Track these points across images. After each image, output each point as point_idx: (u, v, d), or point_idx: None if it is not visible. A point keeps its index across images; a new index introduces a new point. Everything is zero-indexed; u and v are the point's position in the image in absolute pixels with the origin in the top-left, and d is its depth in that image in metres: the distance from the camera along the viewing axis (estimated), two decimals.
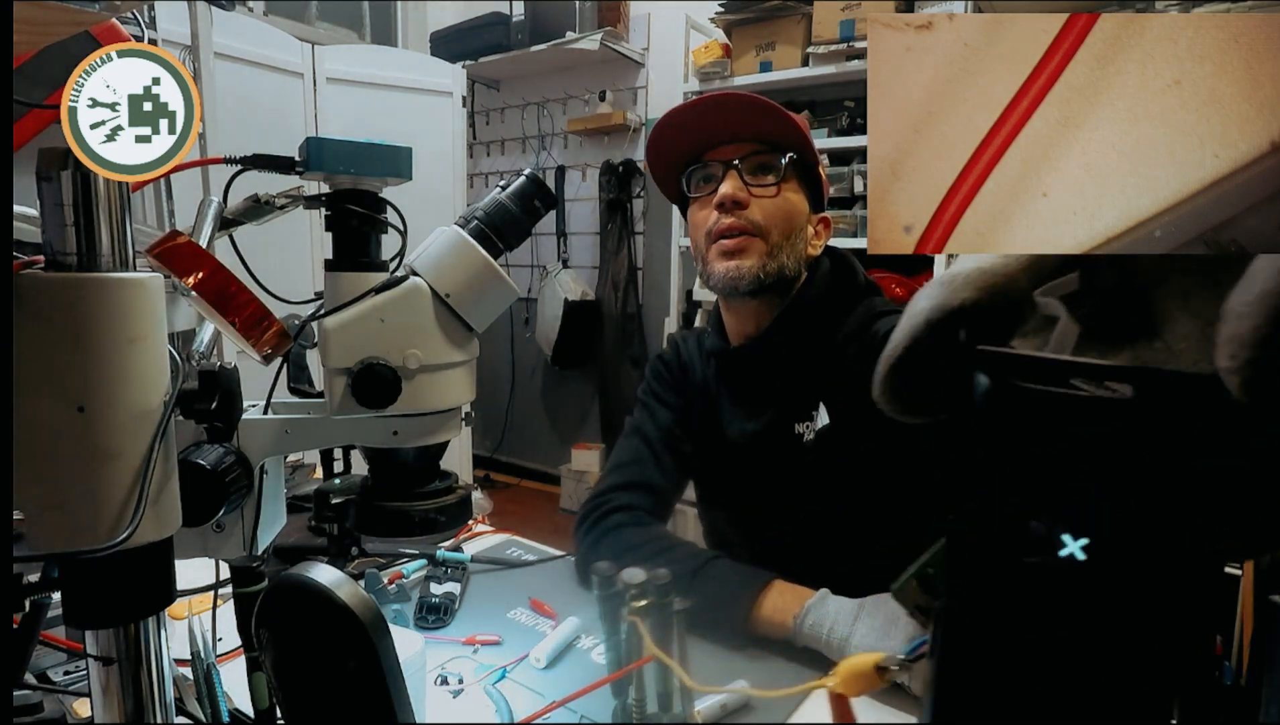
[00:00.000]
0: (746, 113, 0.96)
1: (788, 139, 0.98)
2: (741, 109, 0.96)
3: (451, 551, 1.05)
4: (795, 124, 0.97)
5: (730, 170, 0.97)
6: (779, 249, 0.98)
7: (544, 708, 0.73)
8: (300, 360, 0.65)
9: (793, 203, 0.99)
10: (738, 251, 0.97)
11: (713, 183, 0.99)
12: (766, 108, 0.95)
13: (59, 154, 0.41)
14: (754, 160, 0.98)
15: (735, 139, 0.98)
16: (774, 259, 0.97)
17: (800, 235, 1.01)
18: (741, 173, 0.97)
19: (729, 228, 0.97)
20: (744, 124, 0.97)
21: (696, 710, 0.69)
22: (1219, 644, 1.64)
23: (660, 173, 1.06)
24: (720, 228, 0.97)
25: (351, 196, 0.55)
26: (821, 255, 1.06)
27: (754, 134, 0.98)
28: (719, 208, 0.97)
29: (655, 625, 0.63)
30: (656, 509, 1.06)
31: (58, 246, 0.42)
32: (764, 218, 0.97)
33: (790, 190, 0.99)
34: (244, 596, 0.58)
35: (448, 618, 0.91)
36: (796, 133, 0.97)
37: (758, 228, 0.97)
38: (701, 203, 1.01)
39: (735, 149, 0.98)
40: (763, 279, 0.97)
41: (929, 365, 0.29)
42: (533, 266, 3.84)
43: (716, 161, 0.99)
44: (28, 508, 0.41)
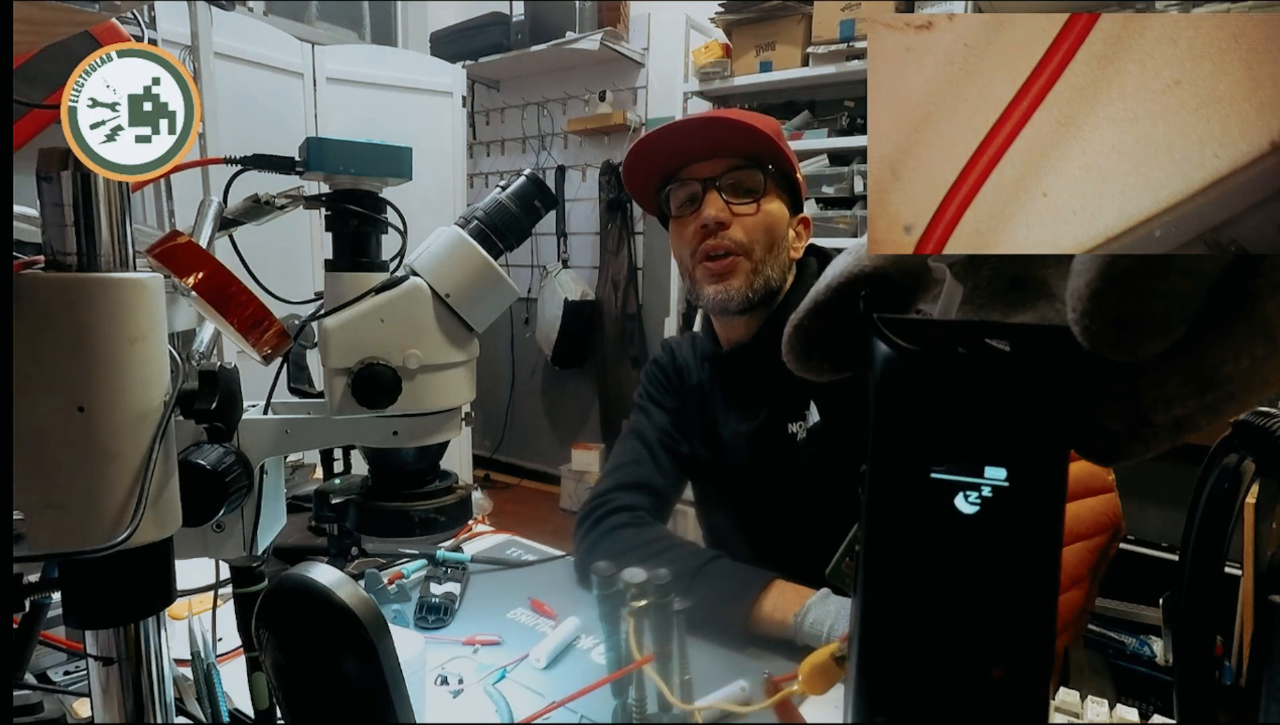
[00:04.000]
0: (717, 132, 0.97)
1: (762, 152, 0.99)
2: (710, 129, 0.97)
3: (451, 551, 1.05)
4: (768, 137, 0.97)
5: (710, 189, 0.99)
6: (764, 263, 1.00)
7: (544, 708, 0.73)
8: (300, 360, 0.65)
9: (773, 215, 1.01)
10: (725, 274, 0.99)
11: (695, 203, 1.01)
12: (735, 127, 0.96)
13: (59, 154, 0.41)
14: (732, 176, 0.99)
15: (712, 155, 0.99)
16: (759, 275, 1.00)
17: (783, 243, 1.02)
18: (721, 191, 0.98)
19: (714, 249, 0.99)
20: (717, 142, 0.99)
21: (697, 710, 0.69)
22: (1219, 644, 1.64)
23: (638, 188, 1.07)
24: (705, 249, 0.99)
25: (351, 196, 0.55)
26: (808, 255, 1.08)
27: (729, 150, 0.99)
28: (702, 229, 0.99)
29: (655, 625, 0.63)
30: (656, 509, 1.06)
31: (58, 246, 0.42)
32: (747, 236, 0.98)
33: (769, 202, 1.00)
34: (244, 596, 0.58)
35: (448, 618, 0.91)
36: (770, 145, 0.98)
37: (741, 247, 0.98)
38: (684, 221, 1.02)
39: (712, 165, 0.99)
40: (751, 297, 0.99)
41: (832, 326, 0.31)
42: (533, 266, 3.84)
43: (695, 179, 1.00)
44: (28, 508, 0.41)
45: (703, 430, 1.11)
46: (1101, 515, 1.19)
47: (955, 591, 0.26)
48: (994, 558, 0.25)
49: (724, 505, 1.14)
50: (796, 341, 0.32)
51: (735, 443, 1.07)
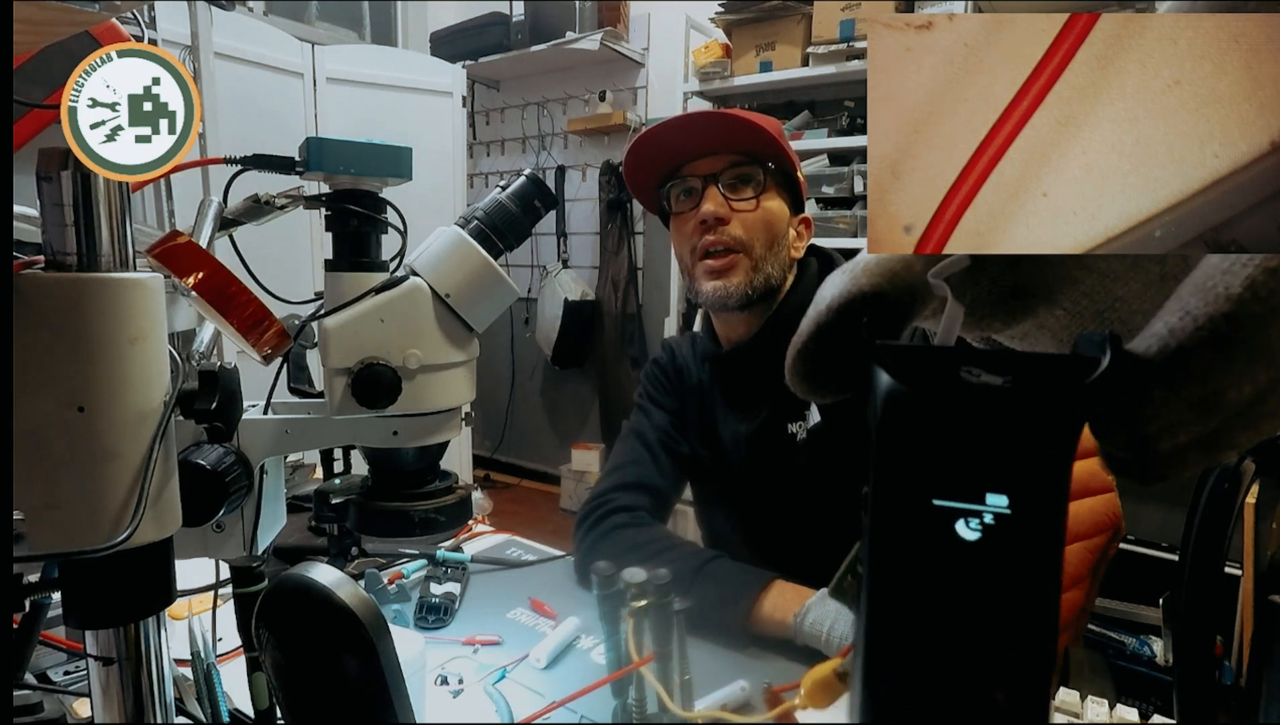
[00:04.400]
0: (718, 129, 0.97)
1: (763, 150, 0.99)
2: (712, 126, 0.97)
3: (451, 551, 1.05)
4: (769, 135, 0.97)
5: (710, 185, 0.98)
6: (763, 261, 0.99)
7: (544, 708, 0.73)
8: (300, 360, 0.65)
9: (773, 212, 1.00)
10: (724, 271, 0.99)
11: (694, 197, 1.00)
12: (736, 124, 0.96)
13: (59, 154, 0.41)
14: (732, 173, 0.99)
15: (712, 152, 0.99)
16: (759, 272, 0.99)
17: (783, 241, 1.02)
18: (721, 187, 0.98)
19: (713, 244, 0.98)
20: (718, 139, 0.98)
21: (697, 710, 0.69)
22: (1219, 644, 1.64)
23: (639, 184, 1.07)
24: (705, 245, 0.99)
25: (351, 196, 0.55)
26: (808, 255, 1.07)
27: (730, 147, 0.99)
28: (701, 225, 0.98)
29: (655, 625, 0.63)
30: (656, 509, 1.06)
31: (58, 246, 0.42)
32: (746, 232, 0.98)
33: (769, 199, 1.00)
34: (244, 596, 0.58)
35: (448, 618, 0.91)
36: (772, 143, 0.98)
37: (740, 243, 0.98)
38: (684, 218, 1.02)
39: (712, 162, 0.99)
40: (750, 294, 0.99)
41: (835, 350, 0.30)
42: (533, 266, 3.84)
43: (695, 176, 1.00)
44: (28, 508, 0.41)
45: (702, 430, 1.11)
46: (1101, 515, 1.19)
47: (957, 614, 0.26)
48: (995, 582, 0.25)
49: (724, 505, 1.14)
50: (801, 366, 0.31)
51: (735, 443, 1.07)
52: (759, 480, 1.06)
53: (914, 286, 0.30)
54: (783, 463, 1.02)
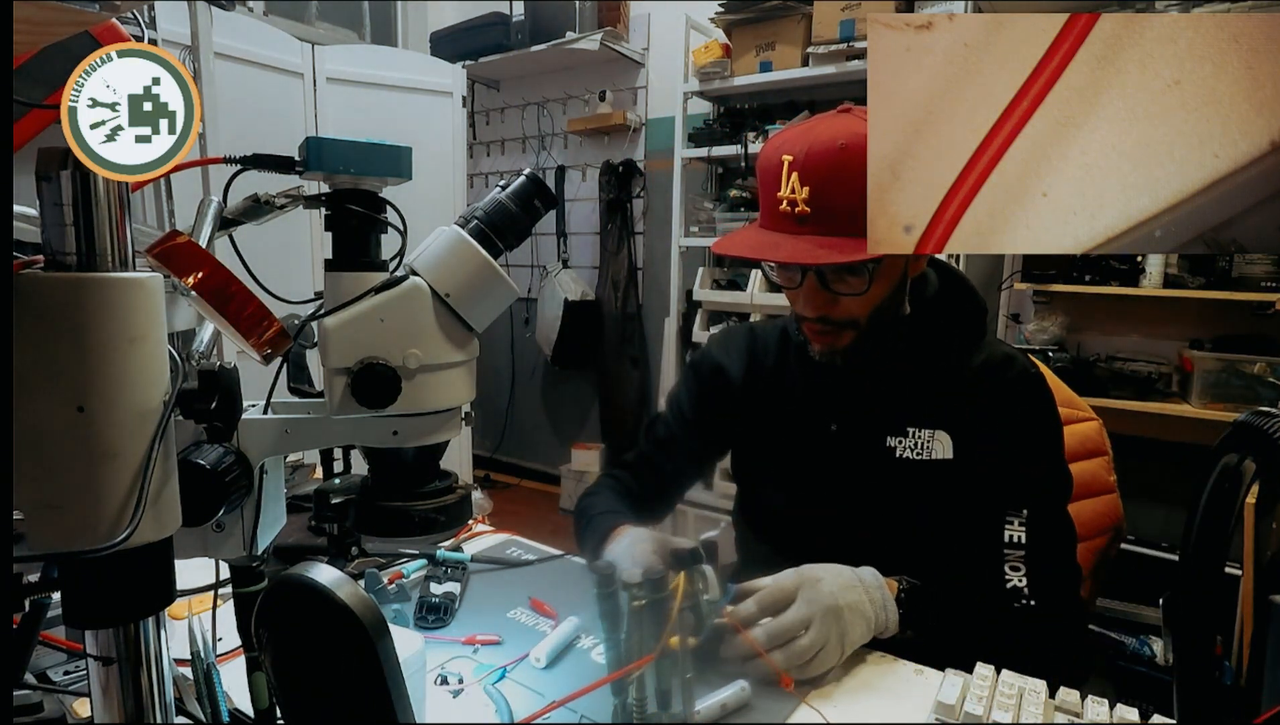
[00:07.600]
0: (806, 262, 0.87)
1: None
2: (801, 261, 0.86)
3: (451, 551, 1.05)
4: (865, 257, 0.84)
5: (809, 275, 0.89)
6: (876, 325, 0.93)
7: (544, 708, 0.73)
8: (300, 360, 0.65)
9: (887, 285, 0.92)
10: (832, 338, 0.94)
11: (793, 276, 0.92)
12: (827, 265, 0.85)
13: (59, 154, 0.41)
14: (834, 273, 0.89)
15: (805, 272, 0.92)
16: (871, 337, 0.94)
17: (900, 289, 0.94)
18: (826, 280, 0.89)
19: (817, 326, 0.93)
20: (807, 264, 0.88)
21: (696, 710, 0.69)
22: (1219, 644, 1.64)
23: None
24: (809, 326, 0.95)
25: (351, 196, 0.55)
26: (927, 270, 1.00)
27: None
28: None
29: (655, 624, 0.63)
30: (642, 489, 1.13)
31: (58, 246, 0.42)
32: (856, 311, 0.91)
33: (881, 281, 0.90)
34: (244, 596, 0.58)
35: (448, 618, 0.91)
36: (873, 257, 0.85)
37: (849, 321, 0.92)
38: (788, 289, 0.95)
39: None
40: (861, 354, 0.95)
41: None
42: (533, 266, 3.84)
43: (795, 268, 0.91)
44: (28, 508, 0.41)
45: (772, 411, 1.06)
46: (1102, 515, 1.19)
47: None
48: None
49: (778, 486, 1.08)
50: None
51: (818, 436, 1.02)
52: (839, 479, 1.01)
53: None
54: (871, 473, 0.98)
